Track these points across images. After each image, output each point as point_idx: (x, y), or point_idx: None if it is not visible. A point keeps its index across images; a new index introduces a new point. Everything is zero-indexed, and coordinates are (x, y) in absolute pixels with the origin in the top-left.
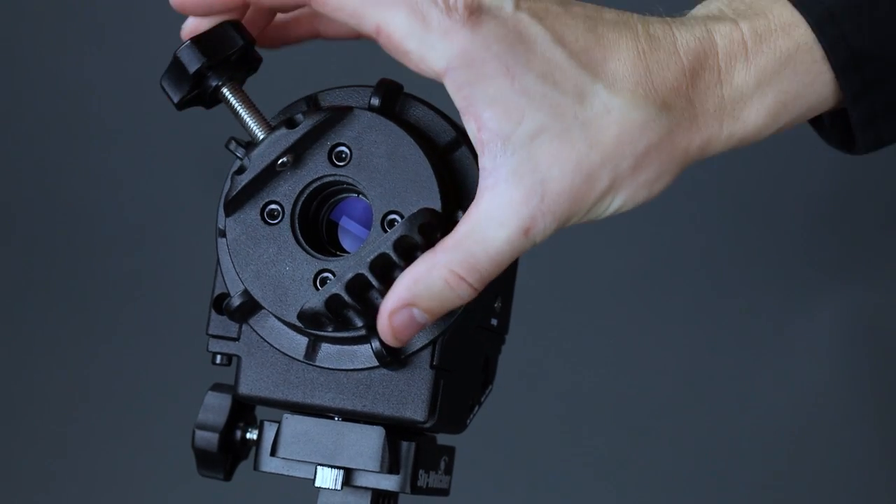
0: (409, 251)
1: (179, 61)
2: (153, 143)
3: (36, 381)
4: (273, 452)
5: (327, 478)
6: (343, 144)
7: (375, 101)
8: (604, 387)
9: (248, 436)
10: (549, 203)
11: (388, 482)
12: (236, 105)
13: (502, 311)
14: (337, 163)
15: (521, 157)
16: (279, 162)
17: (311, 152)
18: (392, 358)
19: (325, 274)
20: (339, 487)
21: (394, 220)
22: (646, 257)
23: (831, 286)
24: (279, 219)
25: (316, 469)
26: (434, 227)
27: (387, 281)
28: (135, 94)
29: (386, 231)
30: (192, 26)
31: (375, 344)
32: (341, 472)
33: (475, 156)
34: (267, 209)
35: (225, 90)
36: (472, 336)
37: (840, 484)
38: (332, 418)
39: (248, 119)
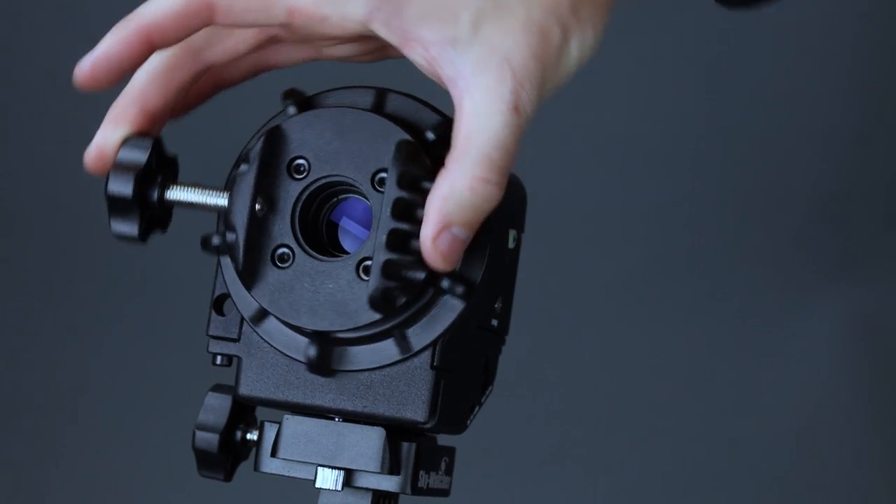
0: (414, 183)
1: (114, 197)
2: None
3: (35, 381)
4: (273, 453)
5: (328, 478)
6: (294, 158)
7: (293, 110)
8: (604, 387)
9: (249, 436)
10: (520, 73)
11: (389, 483)
12: (188, 198)
13: (503, 312)
14: (297, 176)
15: (475, 48)
16: (257, 209)
17: (275, 184)
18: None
19: (365, 263)
20: (339, 488)
21: (382, 177)
22: (645, 257)
23: (831, 286)
24: (292, 257)
25: (316, 470)
26: (417, 150)
27: (415, 221)
28: None
29: (380, 190)
30: (95, 153)
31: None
32: (342, 472)
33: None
34: (276, 255)
35: (170, 194)
36: (472, 337)
37: (840, 484)
38: (333, 419)
39: (205, 198)
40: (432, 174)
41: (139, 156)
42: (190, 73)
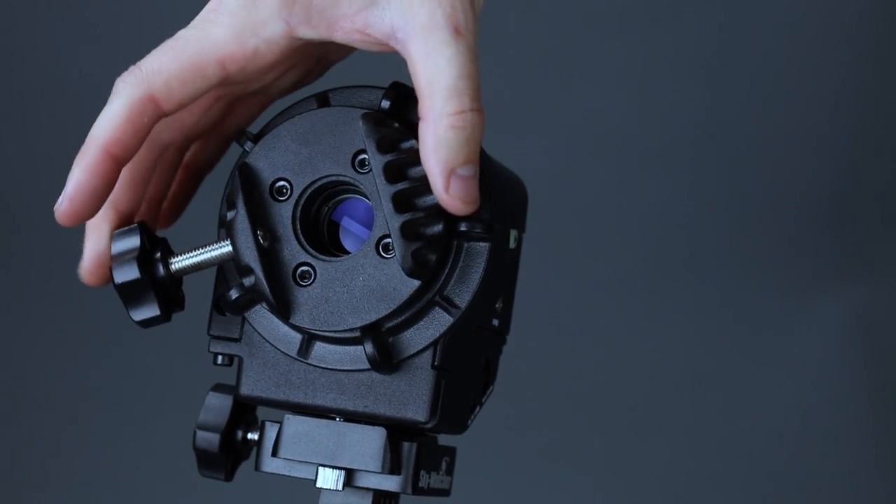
0: (394, 144)
1: (125, 285)
2: None
3: (36, 381)
4: (274, 453)
5: (328, 478)
6: (274, 182)
7: (249, 146)
8: (604, 387)
9: (250, 436)
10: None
11: (390, 483)
12: (194, 261)
13: (503, 312)
14: (282, 197)
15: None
16: (261, 241)
17: (267, 213)
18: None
19: (384, 241)
20: (340, 488)
21: (362, 158)
22: (645, 258)
23: (830, 287)
24: (313, 272)
25: (317, 469)
26: (382, 117)
27: (410, 178)
28: None
29: (363, 171)
30: (91, 264)
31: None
32: (342, 472)
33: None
34: (298, 276)
35: (175, 265)
36: (473, 337)
37: (839, 484)
38: (334, 419)
39: (209, 254)
40: (405, 133)
41: (131, 240)
42: (151, 160)
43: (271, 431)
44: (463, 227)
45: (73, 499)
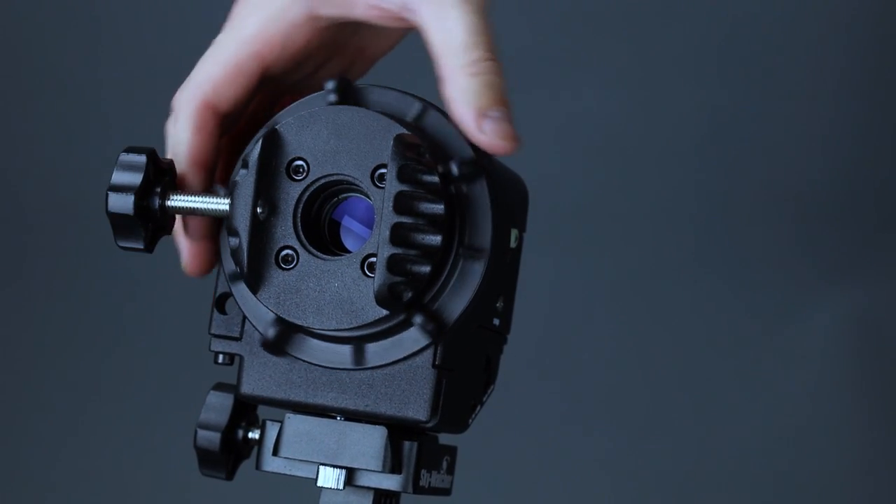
0: (414, 177)
1: (116, 215)
2: (154, 142)
3: (38, 380)
4: (275, 452)
5: (329, 477)
6: (293, 160)
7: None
8: (603, 387)
9: (251, 435)
10: None
11: (391, 482)
12: (189, 205)
13: (504, 311)
14: (297, 177)
15: None
16: (258, 213)
17: (276, 186)
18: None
19: (369, 259)
20: (341, 487)
21: (382, 173)
22: (644, 258)
23: (830, 287)
24: (296, 258)
25: (318, 469)
26: (415, 143)
27: (416, 214)
28: (135, 94)
29: (381, 186)
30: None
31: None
32: (343, 471)
33: (444, 115)
34: (281, 257)
35: (171, 203)
36: (473, 336)
37: (839, 483)
38: (335, 418)
39: (206, 204)
40: (432, 167)
41: (136, 173)
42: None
43: (272, 430)
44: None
45: (74, 498)
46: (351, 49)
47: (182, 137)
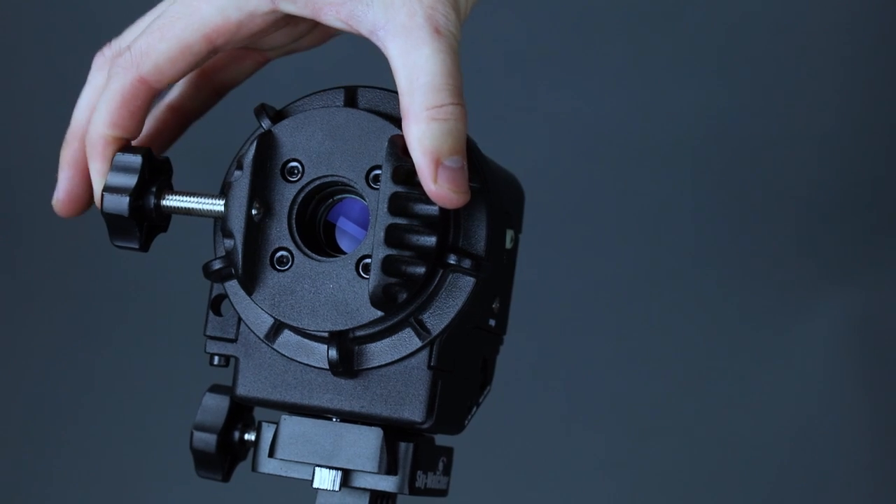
0: (409, 178)
1: (111, 216)
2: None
3: (34, 381)
4: (271, 453)
5: (325, 479)
6: (288, 161)
7: (266, 123)
8: (603, 387)
9: (247, 437)
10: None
11: (387, 483)
12: (184, 206)
13: (500, 312)
14: (292, 178)
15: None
16: (253, 214)
17: (270, 188)
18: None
19: (364, 261)
20: (337, 488)
21: (377, 174)
22: (644, 258)
23: (831, 287)
24: (290, 260)
25: (314, 470)
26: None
27: (411, 215)
28: None
29: (375, 187)
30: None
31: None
32: (339, 472)
33: None
34: (276, 259)
35: (166, 203)
36: (469, 337)
37: (839, 483)
38: (331, 419)
39: (201, 205)
40: None
41: (131, 174)
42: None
43: (268, 432)
44: (452, 260)
45: (72, 499)
46: (305, 23)
47: (106, 106)
